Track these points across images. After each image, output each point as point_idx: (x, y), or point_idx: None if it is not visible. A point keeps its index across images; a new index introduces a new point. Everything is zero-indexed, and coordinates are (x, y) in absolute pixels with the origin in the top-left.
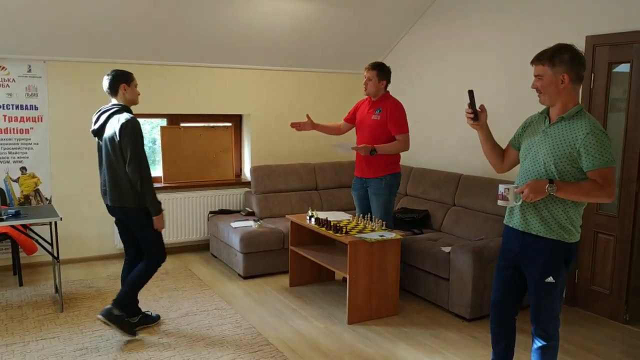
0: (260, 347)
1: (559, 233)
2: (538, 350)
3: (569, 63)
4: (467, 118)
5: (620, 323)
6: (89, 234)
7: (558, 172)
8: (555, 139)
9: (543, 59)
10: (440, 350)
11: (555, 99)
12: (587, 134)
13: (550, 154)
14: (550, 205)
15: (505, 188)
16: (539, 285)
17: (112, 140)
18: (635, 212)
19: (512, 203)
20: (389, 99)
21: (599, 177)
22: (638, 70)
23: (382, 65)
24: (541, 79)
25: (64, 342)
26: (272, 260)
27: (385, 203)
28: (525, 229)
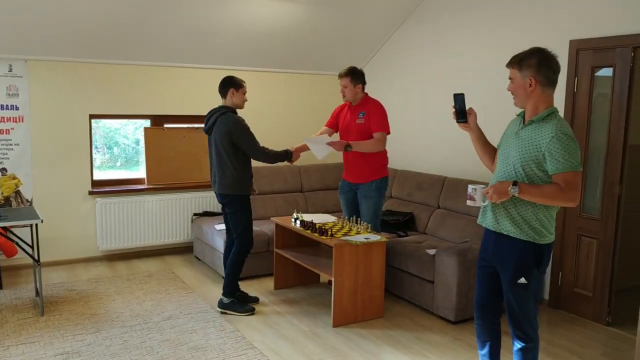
0: (245, 351)
1: (530, 234)
2: (518, 352)
3: (536, 67)
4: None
5: (602, 325)
6: (70, 236)
7: (526, 174)
8: (525, 141)
9: (514, 62)
10: (424, 353)
11: (524, 101)
12: (552, 137)
13: (519, 156)
14: (520, 207)
15: (473, 188)
16: (512, 287)
17: (221, 137)
18: (618, 214)
19: (480, 203)
20: (369, 101)
21: (562, 181)
22: (620, 75)
23: (354, 69)
24: (512, 81)
25: (44, 346)
26: (257, 263)
27: (375, 206)
28: (497, 229)
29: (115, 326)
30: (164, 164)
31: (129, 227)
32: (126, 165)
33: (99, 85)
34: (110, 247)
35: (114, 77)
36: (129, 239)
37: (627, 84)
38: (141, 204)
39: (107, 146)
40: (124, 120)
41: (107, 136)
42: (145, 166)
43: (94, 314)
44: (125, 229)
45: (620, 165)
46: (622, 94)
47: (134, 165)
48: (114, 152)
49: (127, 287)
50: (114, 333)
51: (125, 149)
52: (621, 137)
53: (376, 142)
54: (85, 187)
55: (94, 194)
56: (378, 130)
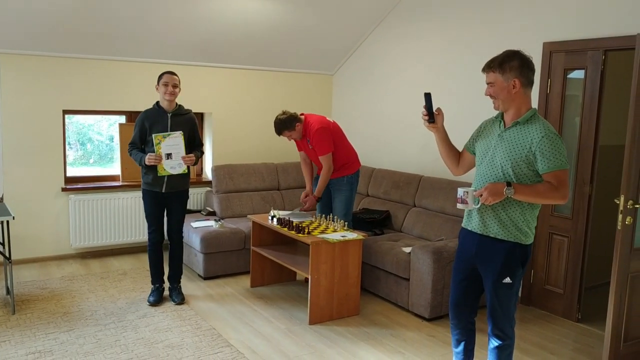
0: (221, 349)
1: (516, 235)
2: (495, 350)
3: (519, 69)
4: (423, 120)
5: (573, 321)
6: (43, 233)
7: (515, 175)
8: (511, 142)
9: (493, 66)
10: (400, 350)
11: (508, 104)
12: (542, 137)
13: (507, 158)
14: (508, 208)
15: (465, 191)
16: (497, 286)
17: None
18: (589, 213)
19: (472, 206)
20: (309, 128)
21: (554, 179)
22: (592, 77)
23: (281, 124)
24: (493, 85)
25: (15, 345)
26: (233, 261)
27: (347, 199)
28: (484, 232)
29: (89, 324)
30: None
31: (103, 225)
32: (100, 162)
33: (73, 80)
34: (84, 245)
35: (89, 72)
36: (103, 236)
37: (598, 86)
38: (115, 201)
39: (80, 142)
40: (98, 117)
41: (81, 132)
42: (120, 163)
43: (67, 312)
44: (99, 226)
45: (591, 166)
46: (593, 95)
47: (108, 162)
48: (87, 149)
49: (101, 285)
50: (87, 332)
51: (99, 145)
52: (592, 138)
53: (326, 169)
54: (58, 184)
55: (67, 190)
56: (320, 154)
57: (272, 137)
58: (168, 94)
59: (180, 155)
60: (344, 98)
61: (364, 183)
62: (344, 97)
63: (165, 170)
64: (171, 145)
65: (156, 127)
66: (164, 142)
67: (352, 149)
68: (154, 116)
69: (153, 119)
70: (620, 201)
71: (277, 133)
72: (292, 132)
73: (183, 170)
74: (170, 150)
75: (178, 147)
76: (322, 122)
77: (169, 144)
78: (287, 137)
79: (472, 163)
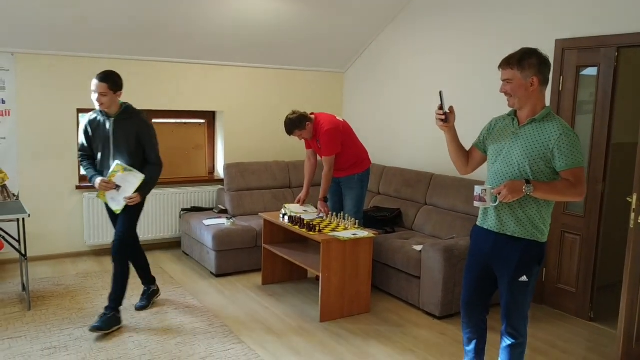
0: (233, 346)
1: (533, 233)
2: (507, 349)
3: (537, 66)
4: (436, 119)
5: (585, 320)
6: (57, 230)
7: (532, 172)
8: (528, 140)
9: (512, 63)
10: (411, 347)
11: (524, 101)
12: (560, 135)
13: (525, 155)
14: (526, 206)
15: (483, 189)
16: (513, 285)
17: None
18: (601, 212)
19: (489, 204)
20: (319, 128)
21: (572, 176)
22: (605, 74)
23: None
24: (510, 82)
25: (31, 341)
26: (245, 258)
27: (358, 197)
28: (500, 230)
29: None
30: None
31: None
32: None
33: (86, 79)
34: (98, 242)
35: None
36: None
37: (611, 84)
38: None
39: None
40: None
41: None
42: None
43: (81, 308)
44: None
45: (604, 164)
46: (606, 93)
47: None
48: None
49: None
50: None
51: None
52: (604, 136)
53: (327, 170)
54: (72, 182)
55: (82, 188)
56: (323, 154)
57: (283, 136)
58: (97, 103)
59: (126, 194)
60: (355, 96)
61: (374, 181)
62: (355, 95)
63: (105, 198)
64: (126, 180)
65: (98, 132)
66: (121, 174)
67: (363, 147)
68: (96, 120)
69: (96, 123)
70: (632, 199)
71: (288, 133)
72: (302, 131)
73: (118, 210)
74: (121, 183)
75: (129, 186)
76: (332, 122)
77: (125, 177)
78: (298, 136)
79: (481, 161)
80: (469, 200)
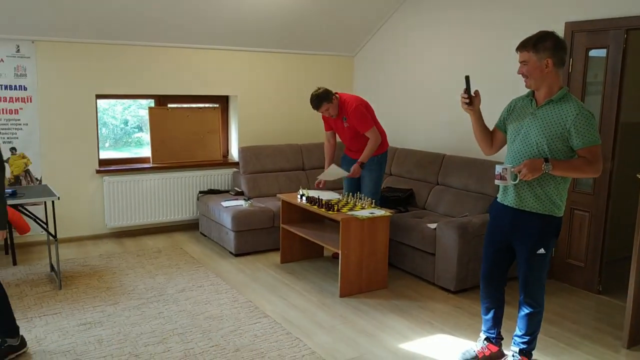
0: (259, 320)
1: (550, 208)
2: (525, 317)
3: (552, 49)
4: (462, 103)
5: (594, 293)
6: (79, 213)
7: (550, 151)
8: (546, 120)
9: (528, 45)
10: (428, 320)
11: (540, 82)
12: (577, 114)
13: (543, 134)
14: (544, 183)
15: (503, 168)
16: (531, 257)
17: None
18: (609, 189)
19: (509, 182)
20: (345, 106)
21: (589, 154)
22: (614, 56)
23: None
24: (526, 64)
25: (66, 317)
26: (263, 238)
27: (376, 178)
28: (520, 206)
29: (132, 298)
30: (169, 143)
31: (136, 205)
32: (115, 145)
33: (104, 65)
34: (118, 225)
35: (119, 58)
36: (136, 216)
37: (620, 65)
38: (147, 182)
39: None
40: (112, 101)
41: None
42: (151, 145)
43: (110, 287)
44: (132, 206)
45: (613, 142)
46: (614, 74)
47: (122, 146)
48: (103, 133)
49: (138, 262)
50: (131, 304)
51: (114, 129)
52: (613, 115)
53: (373, 141)
54: (92, 166)
55: (101, 172)
56: (365, 131)
57: (295, 119)
58: None
59: None
60: (365, 79)
61: (387, 162)
62: (365, 79)
63: None
64: None
65: None
66: None
67: (383, 130)
68: None
69: None
70: None
71: (315, 107)
72: (330, 105)
73: None
74: None
75: None
76: (358, 99)
77: None
78: (325, 111)
79: (504, 142)
80: (480, 179)
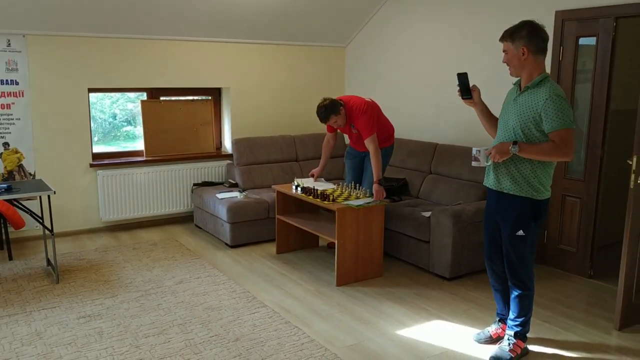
0: (257, 309)
1: (528, 191)
2: (516, 299)
3: (527, 37)
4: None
5: (585, 278)
6: (73, 207)
7: (525, 135)
8: (522, 106)
9: (506, 35)
10: (424, 306)
11: (519, 70)
12: (546, 99)
13: (518, 120)
14: (520, 166)
15: (477, 150)
16: (511, 238)
17: None
18: (600, 176)
19: (483, 163)
20: (353, 113)
21: (557, 137)
22: (603, 44)
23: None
24: (507, 53)
25: (65, 311)
26: (258, 229)
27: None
28: (499, 188)
29: (130, 291)
30: (162, 136)
31: (130, 198)
32: (104, 140)
33: (96, 59)
34: (113, 218)
35: (111, 51)
36: (130, 209)
37: (609, 53)
38: (141, 175)
39: None
40: (100, 94)
41: None
42: (144, 138)
43: (107, 280)
44: (126, 200)
45: (603, 130)
46: (604, 62)
47: (111, 140)
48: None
49: (135, 255)
50: (129, 297)
51: (102, 123)
52: (603, 103)
53: (374, 152)
54: (86, 160)
55: (95, 166)
56: (366, 136)
57: (287, 110)
58: None
59: None
60: (357, 70)
61: None
62: (357, 69)
63: None
64: None
65: None
66: None
67: (390, 124)
68: None
69: None
70: (632, 162)
71: (323, 120)
72: (338, 116)
73: None
74: None
75: None
76: (364, 103)
77: None
78: (333, 123)
79: None
80: (472, 167)
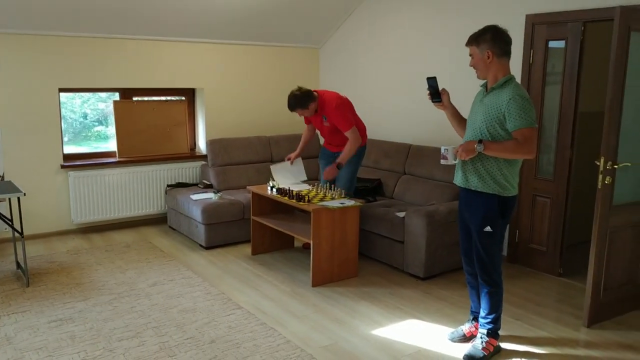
0: (233, 311)
1: (494, 188)
2: (486, 295)
3: (491, 41)
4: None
5: (555, 276)
6: (44, 209)
7: (490, 134)
8: (488, 106)
9: (471, 40)
10: (398, 306)
11: (485, 72)
12: (509, 99)
13: (484, 119)
14: (486, 163)
15: (445, 149)
16: (480, 235)
17: None
18: (569, 176)
19: (451, 161)
20: (326, 106)
21: (520, 136)
22: (572, 47)
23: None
24: (473, 57)
25: (36, 315)
26: (233, 230)
27: (353, 171)
28: (467, 185)
29: (103, 294)
30: (135, 136)
31: (102, 200)
32: (74, 140)
33: (68, 58)
34: (85, 220)
35: (83, 51)
36: (103, 211)
37: (578, 56)
38: (113, 176)
39: None
40: (70, 94)
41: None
42: (116, 139)
43: (79, 283)
44: (99, 201)
45: (572, 131)
46: (573, 65)
47: (82, 140)
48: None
49: (107, 257)
50: (102, 300)
51: (73, 123)
52: (572, 105)
53: (353, 141)
54: (57, 161)
55: (66, 167)
56: (346, 130)
57: (262, 110)
58: None
59: None
60: (330, 71)
61: None
62: (330, 70)
63: None
64: None
65: None
66: None
67: (362, 124)
68: None
69: None
70: (600, 162)
71: (290, 109)
72: (304, 110)
73: None
74: None
75: None
76: (338, 97)
77: None
78: (299, 114)
79: None
80: (445, 168)
